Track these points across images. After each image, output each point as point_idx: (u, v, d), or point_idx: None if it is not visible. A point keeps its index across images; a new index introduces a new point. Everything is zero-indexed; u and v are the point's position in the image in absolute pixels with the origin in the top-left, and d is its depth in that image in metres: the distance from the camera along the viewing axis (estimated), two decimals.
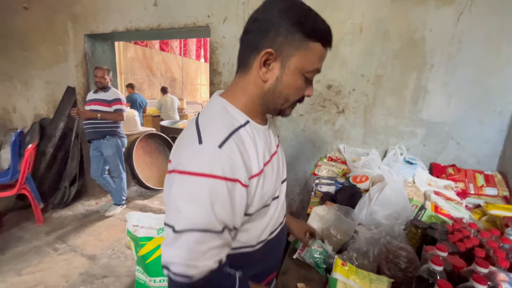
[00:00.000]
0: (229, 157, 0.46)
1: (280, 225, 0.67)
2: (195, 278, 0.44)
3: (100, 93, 2.51)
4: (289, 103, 0.57)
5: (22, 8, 3.09)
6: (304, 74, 0.53)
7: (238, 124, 0.53)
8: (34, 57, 3.23)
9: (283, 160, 0.71)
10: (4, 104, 3.76)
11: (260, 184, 0.52)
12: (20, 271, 1.81)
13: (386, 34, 1.59)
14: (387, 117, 1.69)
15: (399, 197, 1.01)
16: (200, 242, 0.44)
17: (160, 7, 2.15)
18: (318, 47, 0.51)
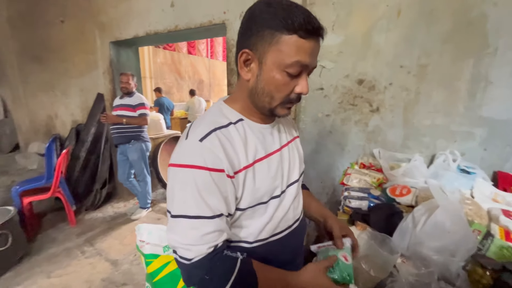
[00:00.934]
0: (209, 150, 0.50)
1: (288, 228, 0.65)
2: (194, 260, 0.49)
3: (125, 99, 2.55)
4: (276, 101, 0.54)
5: (59, 22, 3.31)
6: (283, 69, 0.50)
7: (227, 122, 0.56)
8: (70, 67, 3.45)
9: (294, 161, 0.68)
10: (49, 111, 4.10)
11: (249, 178, 0.55)
12: (50, 273, 1.88)
13: (432, 15, 1.30)
14: (434, 115, 1.40)
15: (456, 223, 0.77)
16: (192, 228, 0.49)
17: (176, 7, 2.09)
18: (294, 39, 0.48)
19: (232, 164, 0.52)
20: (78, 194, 3.00)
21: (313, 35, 0.49)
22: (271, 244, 0.62)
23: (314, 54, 0.51)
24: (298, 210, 0.69)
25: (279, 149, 0.63)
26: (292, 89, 0.53)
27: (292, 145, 0.70)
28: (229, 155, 0.52)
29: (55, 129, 4.06)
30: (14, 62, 4.35)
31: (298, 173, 0.68)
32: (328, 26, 1.59)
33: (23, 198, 2.29)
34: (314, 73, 1.69)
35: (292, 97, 0.55)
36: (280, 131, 0.67)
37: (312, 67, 0.53)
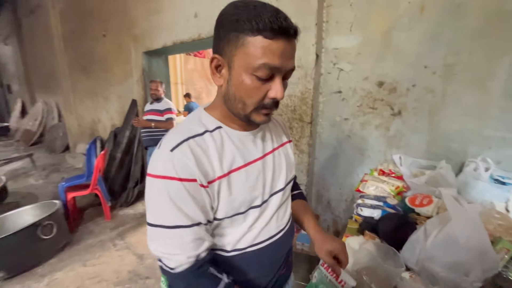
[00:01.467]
0: (180, 160, 0.48)
1: (269, 239, 0.62)
2: (176, 271, 0.49)
3: (154, 104, 2.75)
4: (249, 107, 0.51)
5: (102, 36, 3.69)
6: (252, 73, 0.48)
7: (203, 130, 0.54)
8: (110, 76, 3.81)
9: (280, 169, 0.65)
10: (93, 116, 4.56)
11: (223, 188, 0.53)
12: (85, 262, 2.09)
13: (460, 9, 1.20)
14: (463, 119, 1.27)
15: (472, 239, 0.69)
16: (170, 237, 0.49)
17: (199, 17, 2.20)
18: (259, 40, 0.45)
19: (205, 174, 0.50)
20: (114, 192, 3.28)
21: (281, 35, 0.45)
22: (249, 255, 0.59)
23: (285, 55, 0.47)
24: (283, 220, 0.66)
25: (261, 157, 0.60)
26: (264, 94, 0.50)
27: (280, 151, 0.67)
28: (202, 164, 0.50)
29: (97, 132, 4.50)
30: (66, 72, 4.94)
31: (284, 181, 0.65)
32: (346, 27, 1.54)
33: (68, 193, 2.59)
34: (332, 76, 1.65)
35: (267, 103, 0.51)
36: (265, 137, 0.64)
37: (287, 70, 0.49)
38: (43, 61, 6.00)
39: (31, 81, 7.48)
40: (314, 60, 1.60)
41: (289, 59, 0.49)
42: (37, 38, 6.03)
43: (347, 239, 0.95)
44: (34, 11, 5.68)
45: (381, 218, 0.98)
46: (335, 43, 1.60)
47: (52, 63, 5.22)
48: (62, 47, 4.80)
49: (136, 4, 2.80)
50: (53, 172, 4.55)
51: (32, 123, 6.57)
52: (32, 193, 3.63)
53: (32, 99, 7.59)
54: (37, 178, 4.17)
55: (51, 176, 4.31)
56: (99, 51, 3.85)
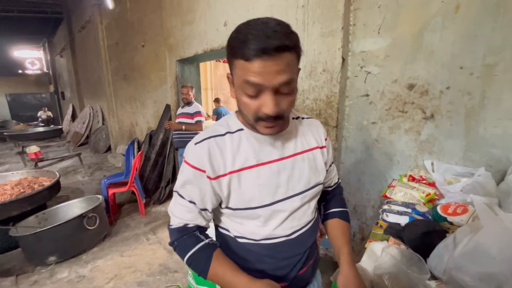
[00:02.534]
0: (197, 153, 0.61)
1: (284, 237, 0.67)
2: (171, 227, 0.66)
3: (185, 108, 2.92)
4: (250, 119, 0.58)
5: (141, 47, 4.02)
6: (241, 90, 0.55)
7: (225, 131, 0.64)
8: (147, 83, 4.13)
9: (301, 173, 0.67)
10: (131, 120, 4.96)
11: (234, 182, 0.61)
12: (122, 253, 2.29)
13: (501, 5, 1.12)
14: (506, 123, 1.18)
15: (507, 249, 0.65)
16: (176, 202, 0.64)
17: (229, 26, 2.32)
18: (241, 63, 0.51)
19: (215, 168, 0.60)
20: (148, 190, 3.53)
21: (256, 56, 0.48)
22: (263, 246, 0.66)
23: (265, 74, 0.49)
24: (300, 221, 0.68)
25: (278, 159, 0.64)
26: (258, 108, 0.54)
27: (304, 156, 0.68)
28: (214, 160, 0.60)
29: (135, 134, 4.88)
30: (110, 80, 5.45)
31: (303, 186, 0.67)
32: (374, 30, 1.52)
33: (109, 189, 2.86)
34: (359, 79, 1.63)
35: (261, 116, 0.55)
36: (288, 141, 0.66)
37: (275, 85, 0.51)
38: (91, 70, 6.70)
39: (80, 88, 8.37)
40: (340, 63, 1.59)
41: (274, 75, 0.50)
42: (87, 50, 6.76)
43: (370, 244, 0.93)
44: (85, 27, 6.39)
45: (408, 224, 0.94)
46: (362, 46, 1.58)
47: (98, 72, 5.82)
48: (107, 57, 5.33)
49: (171, 16, 3.03)
50: (97, 170, 5.03)
51: (81, 126, 7.33)
52: (79, 188, 4.05)
53: (81, 104, 8.48)
54: (83, 175, 4.64)
55: (95, 174, 4.77)
56: (138, 60, 4.21)
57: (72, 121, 8.90)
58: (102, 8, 5.01)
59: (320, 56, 1.67)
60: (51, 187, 2.74)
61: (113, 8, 4.52)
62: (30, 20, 9.07)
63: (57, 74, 12.09)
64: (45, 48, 12.89)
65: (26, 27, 10.00)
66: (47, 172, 3.19)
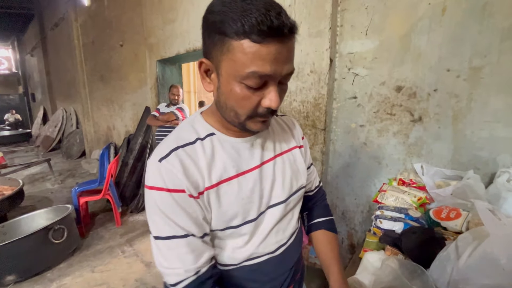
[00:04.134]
0: (168, 170, 0.46)
1: (268, 254, 0.58)
2: (178, 287, 0.46)
3: (171, 107, 2.79)
4: (242, 116, 0.46)
5: (119, 46, 3.82)
6: (240, 81, 0.42)
7: (195, 138, 0.51)
8: (126, 84, 3.92)
9: (282, 178, 0.58)
10: (108, 123, 4.69)
11: (212, 200, 0.49)
12: (94, 268, 2.08)
13: (486, 9, 1.13)
14: (493, 126, 1.18)
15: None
16: (169, 248, 0.47)
17: None
18: (246, 44, 0.38)
19: (195, 185, 0.47)
20: (125, 197, 3.30)
21: (272, 37, 0.38)
22: (245, 269, 0.56)
23: (278, 60, 0.40)
24: (285, 234, 0.60)
25: (258, 165, 0.55)
26: (257, 103, 0.44)
27: (283, 158, 0.60)
28: (191, 175, 0.47)
29: (112, 138, 4.61)
30: (85, 81, 5.14)
31: (287, 192, 0.58)
32: (361, 31, 1.49)
33: (80, 198, 2.62)
34: (347, 81, 1.60)
35: (261, 112, 0.45)
36: (266, 143, 0.58)
37: (282, 76, 0.43)
38: (65, 70, 6.30)
39: (53, 89, 7.86)
40: (328, 65, 1.56)
41: (284, 64, 0.41)
42: (60, 49, 6.37)
43: (366, 254, 0.87)
44: (58, 24, 6.02)
45: (404, 232, 0.89)
46: (350, 48, 1.55)
47: (73, 73, 5.47)
48: (82, 57, 5.03)
49: (152, 15, 2.89)
50: (69, 177, 4.67)
51: (52, 130, 6.84)
52: (47, 197, 3.72)
53: (53, 106, 7.95)
54: (53, 182, 4.29)
55: (66, 181, 4.42)
56: (116, 60, 3.99)
57: (43, 125, 8.31)
58: (77, 4, 4.74)
59: (307, 57, 1.62)
60: (12, 197, 2.47)
61: (89, 5, 4.28)
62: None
63: (27, 74, 11.31)
64: (14, 47, 12.06)
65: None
66: (9, 179, 2.89)
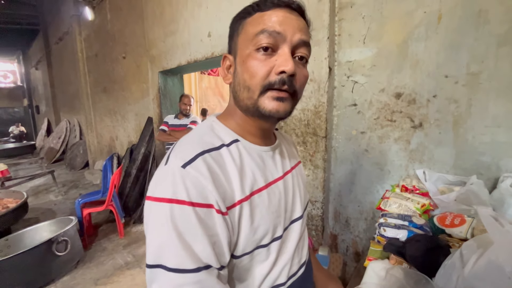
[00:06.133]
0: (195, 179, 0.38)
1: (292, 277, 0.53)
2: None
3: (184, 119, 2.73)
4: (255, 90, 0.44)
5: (121, 58, 3.90)
6: (253, 48, 0.44)
7: (219, 143, 0.46)
8: (128, 95, 3.98)
9: (298, 192, 0.57)
10: (111, 134, 4.73)
11: (245, 214, 0.43)
12: (97, 281, 2.06)
13: (481, 16, 1.14)
14: (493, 130, 1.18)
15: None
16: (172, 285, 0.36)
17: (213, 37, 2.27)
18: (257, 15, 0.45)
19: (224, 197, 0.40)
20: (128, 208, 3.30)
21: (278, 6, 0.44)
22: None
23: (287, 23, 0.43)
24: (303, 251, 0.58)
25: (282, 176, 0.52)
26: (270, 69, 0.43)
27: (296, 171, 0.60)
28: (221, 186, 0.40)
29: (115, 149, 4.65)
30: (89, 92, 5.22)
31: (301, 207, 0.57)
32: (359, 40, 1.52)
33: (83, 209, 2.62)
34: (346, 89, 1.61)
35: (273, 80, 0.43)
36: (283, 154, 0.57)
37: (294, 41, 0.43)
38: (68, 83, 6.42)
39: (57, 101, 7.99)
40: (327, 73, 1.57)
41: (295, 29, 0.43)
42: (64, 62, 6.50)
43: (370, 263, 0.86)
44: (62, 38, 6.17)
45: (409, 239, 0.88)
46: (348, 56, 1.58)
47: (76, 85, 5.57)
48: (86, 69, 5.13)
49: (154, 27, 2.95)
50: (72, 188, 4.69)
51: (56, 141, 6.91)
52: (51, 209, 3.73)
53: (57, 118, 8.06)
54: (56, 194, 4.31)
55: (70, 193, 4.44)
56: (119, 72, 4.06)
57: (47, 136, 8.40)
58: (81, 19, 4.86)
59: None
60: (16, 209, 2.48)
61: (93, 19, 4.39)
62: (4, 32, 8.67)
63: (32, 87, 11.52)
64: (20, 61, 12.33)
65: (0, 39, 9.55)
66: (13, 192, 2.91)
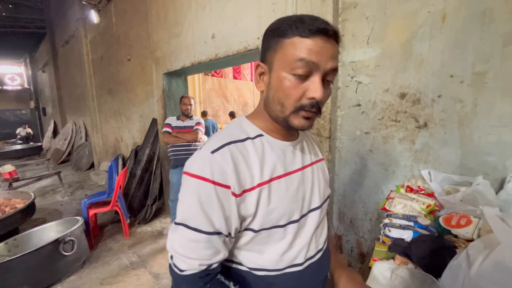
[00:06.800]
0: (219, 163, 0.48)
1: (309, 259, 0.60)
2: (185, 273, 0.49)
3: (187, 121, 2.66)
4: (287, 108, 0.51)
5: (126, 60, 3.94)
6: (289, 72, 0.49)
7: (244, 136, 0.55)
8: (133, 97, 4.02)
9: (318, 184, 0.63)
10: (116, 135, 4.78)
11: (263, 196, 0.52)
12: (102, 280, 2.09)
13: (486, 15, 1.14)
14: (500, 130, 1.16)
15: None
16: (190, 239, 0.48)
17: (216, 38, 2.29)
18: (296, 39, 0.47)
19: (241, 182, 0.49)
20: (133, 208, 3.33)
21: (317, 34, 0.46)
22: (288, 276, 0.56)
23: (323, 54, 0.47)
24: (321, 239, 0.64)
25: (301, 168, 0.59)
26: (302, 94, 0.49)
27: (317, 166, 0.65)
28: (240, 171, 0.49)
29: (120, 150, 4.69)
30: (94, 94, 5.28)
31: (320, 198, 0.63)
32: (363, 40, 1.52)
33: (89, 210, 2.66)
34: (350, 89, 1.61)
35: (304, 103, 0.49)
36: (304, 150, 0.64)
37: (327, 69, 0.48)
38: (74, 85, 6.51)
39: (63, 103, 8.10)
40: None
41: (328, 58, 0.48)
42: (70, 65, 6.59)
43: (375, 264, 0.86)
44: (68, 41, 6.26)
45: (414, 240, 0.88)
46: (352, 57, 1.58)
47: (82, 87, 5.64)
48: (91, 72, 5.20)
49: (158, 29, 2.99)
50: (78, 189, 4.75)
51: (62, 143, 7.01)
52: (57, 209, 3.78)
53: (63, 120, 8.17)
54: (63, 195, 4.36)
55: (76, 193, 4.49)
56: (124, 74, 4.11)
57: (53, 138, 8.52)
58: (86, 22, 4.93)
59: None
60: (24, 210, 2.52)
61: (98, 22, 4.45)
62: (11, 35, 8.83)
63: (39, 89, 11.70)
64: (27, 64, 12.55)
65: (7, 43, 9.72)
66: (21, 193, 2.95)
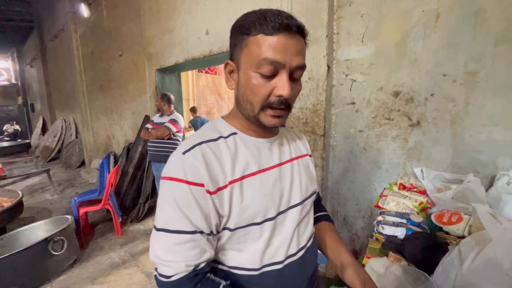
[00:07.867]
0: (190, 162, 0.48)
1: (290, 257, 0.58)
2: (173, 278, 0.47)
3: (164, 118, 2.70)
4: (256, 106, 0.51)
5: (118, 56, 3.86)
6: (255, 70, 0.49)
7: (217, 136, 0.55)
8: (125, 93, 3.94)
9: (299, 180, 0.62)
10: (107, 132, 4.69)
11: (236, 194, 0.51)
12: (94, 280, 2.05)
13: (479, 15, 1.15)
14: (490, 129, 1.19)
15: None
16: (173, 243, 0.47)
17: (210, 35, 2.26)
18: (259, 37, 0.47)
19: (214, 180, 0.49)
20: (125, 207, 3.28)
21: (281, 31, 0.46)
22: (266, 275, 0.55)
23: (287, 51, 0.46)
24: (304, 237, 0.62)
25: (278, 164, 0.58)
26: (270, 91, 0.49)
27: (299, 162, 0.64)
28: (212, 169, 0.49)
29: (112, 147, 4.61)
30: (85, 91, 5.16)
31: (304, 194, 0.61)
32: (358, 38, 1.52)
33: (80, 208, 2.60)
34: (345, 87, 1.61)
35: (272, 101, 0.49)
36: (283, 146, 0.63)
37: (292, 66, 0.48)
38: (64, 81, 6.34)
39: (52, 100, 7.89)
40: (325, 71, 1.58)
41: (293, 55, 0.48)
42: (59, 60, 6.42)
43: (369, 261, 0.86)
44: (57, 36, 6.09)
45: (407, 237, 0.89)
46: (346, 55, 1.58)
47: (72, 83, 5.51)
48: (82, 67, 5.07)
49: (151, 25, 2.93)
50: (68, 187, 4.65)
51: (51, 140, 6.84)
52: (47, 208, 3.69)
53: (52, 117, 7.96)
54: (52, 193, 4.26)
55: (66, 191, 4.40)
56: (115, 70, 4.02)
57: (42, 135, 8.31)
58: (76, 16, 4.80)
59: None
60: (11, 208, 2.45)
61: (89, 16, 4.34)
62: None
63: (27, 85, 11.38)
64: (14, 58, 12.17)
65: None
66: (8, 191, 2.87)
